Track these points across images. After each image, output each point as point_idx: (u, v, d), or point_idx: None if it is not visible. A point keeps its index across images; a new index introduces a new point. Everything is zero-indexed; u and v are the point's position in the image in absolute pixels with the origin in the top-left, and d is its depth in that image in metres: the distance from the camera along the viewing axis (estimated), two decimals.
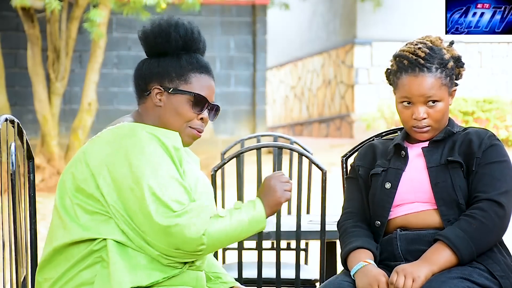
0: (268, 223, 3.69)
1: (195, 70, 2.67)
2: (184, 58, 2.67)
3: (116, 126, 2.61)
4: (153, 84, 2.66)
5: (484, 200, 2.76)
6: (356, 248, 2.83)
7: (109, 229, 2.52)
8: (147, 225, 2.47)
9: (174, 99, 2.65)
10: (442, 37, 2.96)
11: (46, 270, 2.60)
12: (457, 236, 2.71)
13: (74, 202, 2.55)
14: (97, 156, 2.54)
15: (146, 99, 2.68)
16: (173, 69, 2.65)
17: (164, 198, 2.46)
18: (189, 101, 2.64)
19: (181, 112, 2.64)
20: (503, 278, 2.73)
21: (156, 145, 2.52)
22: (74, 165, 2.59)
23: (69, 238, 2.55)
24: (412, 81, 2.84)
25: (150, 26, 2.68)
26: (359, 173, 2.97)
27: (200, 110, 2.66)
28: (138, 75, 2.70)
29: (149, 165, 2.48)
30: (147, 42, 2.68)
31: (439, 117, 2.86)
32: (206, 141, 13.07)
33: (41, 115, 10.74)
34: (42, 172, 10.59)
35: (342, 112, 15.90)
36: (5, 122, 2.63)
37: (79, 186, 2.55)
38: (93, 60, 10.87)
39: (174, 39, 2.65)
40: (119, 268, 2.49)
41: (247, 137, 4.97)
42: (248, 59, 13.76)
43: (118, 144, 2.52)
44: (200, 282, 2.65)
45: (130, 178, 2.48)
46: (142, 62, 2.71)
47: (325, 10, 16.80)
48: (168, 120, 2.64)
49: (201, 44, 2.72)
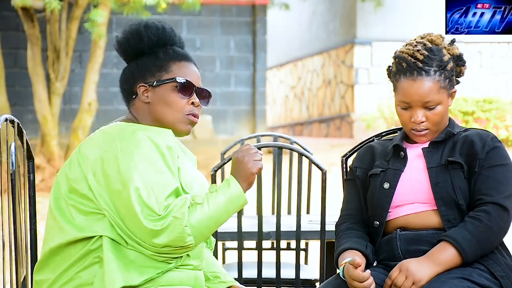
0: (268, 223, 3.71)
1: (174, 59, 2.68)
2: (161, 51, 2.69)
3: (108, 126, 2.62)
4: (137, 84, 2.67)
5: (489, 204, 2.76)
6: (344, 250, 2.84)
7: (104, 227, 2.53)
8: (135, 227, 2.48)
9: (160, 91, 2.66)
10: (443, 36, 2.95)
11: (43, 271, 2.60)
12: (464, 238, 2.71)
13: (69, 203, 2.56)
14: (89, 157, 2.55)
15: (135, 101, 2.69)
16: (152, 64, 2.67)
17: (150, 202, 2.46)
18: (174, 88, 2.65)
19: (170, 102, 2.65)
20: (503, 278, 2.73)
21: (147, 146, 2.52)
22: (68, 166, 2.60)
23: (65, 238, 2.55)
24: (411, 85, 2.84)
25: (121, 34, 2.72)
26: (357, 175, 2.98)
27: (188, 94, 2.67)
28: (122, 81, 2.72)
29: (137, 168, 2.48)
30: (122, 48, 2.71)
31: (438, 120, 2.86)
32: (206, 141, 13.07)
33: (41, 115, 10.74)
34: (42, 172, 10.59)
35: (342, 112, 15.90)
36: (5, 122, 2.63)
37: (72, 187, 2.55)
38: (93, 60, 10.86)
39: (146, 36, 2.67)
40: (112, 268, 2.49)
41: (247, 137, 4.98)
42: (248, 59, 13.76)
43: (109, 145, 2.53)
44: (199, 282, 2.65)
45: (119, 181, 2.49)
46: (123, 70, 2.74)
47: (325, 10, 16.80)
48: (160, 114, 2.65)
49: (177, 38, 2.73)
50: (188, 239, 2.49)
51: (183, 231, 2.47)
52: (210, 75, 13.64)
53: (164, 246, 2.48)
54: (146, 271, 2.53)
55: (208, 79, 13.54)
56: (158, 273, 2.55)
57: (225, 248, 4.64)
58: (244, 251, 3.78)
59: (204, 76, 13.52)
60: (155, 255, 2.52)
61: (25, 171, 2.91)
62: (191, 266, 2.62)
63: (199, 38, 13.58)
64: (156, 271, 2.55)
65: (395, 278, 2.68)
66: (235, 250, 4.46)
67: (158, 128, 2.61)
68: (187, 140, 12.51)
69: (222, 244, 4.62)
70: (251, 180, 2.60)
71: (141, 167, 2.48)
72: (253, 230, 3.54)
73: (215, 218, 2.53)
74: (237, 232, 3.48)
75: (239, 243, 3.52)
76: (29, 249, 2.85)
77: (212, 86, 13.57)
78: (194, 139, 13.20)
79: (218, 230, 3.46)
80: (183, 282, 2.59)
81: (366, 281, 2.69)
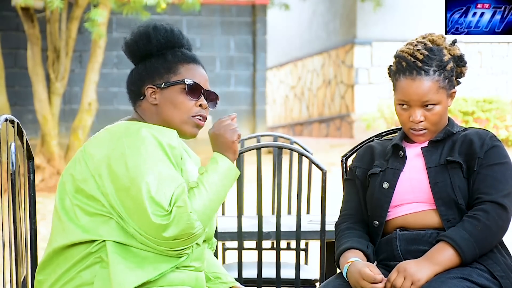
0: (268, 223, 3.71)
1: (183, 61, 2.69)
2: (169, 53, 2.69)
3: (113, 125, 2.63)
4: (145, 86, 2.67)
5: (487, 202, 2.75)
6: (346, 250, 2.84)
7: (109, 230, 2.53)
8: (144, 224, 2.48)
9: (168, 92, 2.66)
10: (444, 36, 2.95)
11: (46, 271, 2.61)
12: (462, 237, 2.71)
13: (74, 203, 2.56)
14: (96, 156, 2.55)
15: (142, 102, 2.69)
16: (160, 66, 2.67)
17: (158, 197, 2.46)
18: (183, 90, 2.66)
19: (178, 104, 2.65)
20: (503, 278, 2.73)
21: (152, 143, 2.52)
22: (73, 166, 2.60)
23: (69, 240, 2.55)
24: (410, 85, 2.84)
25: (130, 36, 2.72)
26: (357, 174, 2.98)
27: (196, 96, 2.68)
28: (130, 83, 2.72)
29: (145, 164, 2.49)
30: (130, 49, 2.72)
31: (437, 120, 2.86)
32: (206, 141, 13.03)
33: (41, 115, 10.74)
34: (42, 172, 10.59)
35: (342, 112, 15.90)
36: (5, 122, 2.63)
37: (79, 187, 2.55)
38: (93, 60, 10.86)
39: (155, 38, 2.68)
40: (120, 269, 2.49)
41: (247, 137, 4.98)
42: (248, 59, 13.76)
43: (115, 143, 2.53)
44: (199, 282, 2.65)
45: (127, 178, 2.49)
46: (131, 71, 2.74)
47: (325, 10, 16.80)
48: (168, 115, 2.65)
49: (185, 40, 2.74)
50: (196, 224, 2.50)
51: (189, 218, 2.48)
52: (210, 75, 13.60)
53: (174, 238, 2.48)
54: (160, 267, 2.54)
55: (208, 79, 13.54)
56: (171, 268, 2.55)
57: (225, 248, 4.64)
58: (244, 251, 3.78)
59: None
60: (168, 250, 2.52)
61: (25, 171, 2.91)
62: (192, 268, 2.62)
63: (199, 38, 13.59)
64: (170, 265, 2.55)
65: (394, 280, 2.68)
66: (235, 250, 4.46)
67: (162, 127, 2.61)
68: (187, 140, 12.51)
69: (222, 244, 4.62)
70: (234, 148, 2.63)
71: (149, 163, 2.49)
72: (253, 230, 3.54)
73: (215, 197, 2.55)
74: (237, 232, 3.48)
75: (239, 243, 3.52)
76: (29, 249, 2.85)
77: (212, 86, 13.51)
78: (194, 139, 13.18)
79: (218, 230, 3.46)
80: (184, 283, 2.60)
81: (377, 284, 2.69)
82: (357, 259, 2.78)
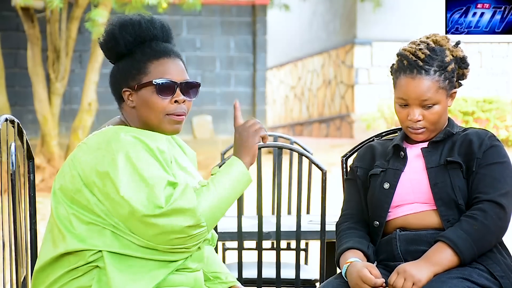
0: (268, 223, 3.71)
1: (151, 58, 2.62)
2: (138, 51, 2.62)
3: (100, 131, 2.59)
4: (122, 88, 2.64)
5: (485, 201, 2.76)
6: (346, 250, 2.84)
7: (105, 240, 2.51)
8: (142, 228, 2.46)
9: (142, 94, 2.61)
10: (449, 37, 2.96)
11: (42, 275, 2.58)
12: (459, 237, 2.71)
13: (70, 212, 2.53)
14: (87, 164, 2.51)
15: (124, 105, 2.67)
16: (131, 67, 2.62)
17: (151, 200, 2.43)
18: (154, 91, 2.60)
19: (152, 104, 2.60)
20: (503, 278, 2.73)
21: (141, 148, 2.50)
22: (63, 175, 2.56)
23: (65, 249, 2.52)
24: (409, 83, 2.84)
25: (101, 37, 2.67)
26: (358, 174, 2.98)
27: (169, 94, 2.61)
28: (110, 85, 2.69)
29: (135, 169, 2.46)
30: (104, 51, 2.68)
31: (435, 120, 2.86)
32: (206, 141, 13.07)
33: (41, 115, 10.74)
34: (42, 172, 10.59)
35: (342, 112, 15.90)
36: (5, 122, 2.63)
37: (73, 198, 2.53)
38: (93, 60, 10.86)
39: (121, 38, 2.62)
40: (118, 283, 2.47)
41: None
42: (248, 59, 13.76)
43: (105, 150, 2.50)
44: (198, 282, 2.64)
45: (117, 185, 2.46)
46: (110, 71, 2.70)
47: (325, 10, 16.80)
48: (145, 117, 2.62)
49: (156, 30, 2.65)
50: (203, 223, 2.47)
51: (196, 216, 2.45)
52: (210, 75, 13.65)
53: (173, 231, 2.45)
54: (158, 274, 2.52)
55: (208, 79, 13.55)
56: (168, 273, 2.53)
57: (225, 248, 4.64)
58: (244, 251, 3.79)
59: (204, 76, 13.54)
60: (171, 252, 2.50)
61: (25, 171, 2.91)
62: (190, 269, 2.61)
63: (199, 38, 13.59)
64: (168, 270, 2.53)
65: (394, 282, 2.68)
66: (235, 250, 4.46)
67: (151, 132, 2.59)
68: (187, 140, 12.51)
69: (222, 244, 4.62)
70: (253, 152, 2.58)
71: (139, 168, 2.46)
72: (253, 230, 3.54)
73: (224, 199, 2.52)
74: (237, 232, 3.48)
75: (239, 243, 3.52)
76: (29, 249, 2.85)
77: (212, 86, 13.58)
78: (194, 139, 13.20)
79: (218, 230, 3.46)
80: (182, 284, 2.59)
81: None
82: (357, 259, 2.78)
